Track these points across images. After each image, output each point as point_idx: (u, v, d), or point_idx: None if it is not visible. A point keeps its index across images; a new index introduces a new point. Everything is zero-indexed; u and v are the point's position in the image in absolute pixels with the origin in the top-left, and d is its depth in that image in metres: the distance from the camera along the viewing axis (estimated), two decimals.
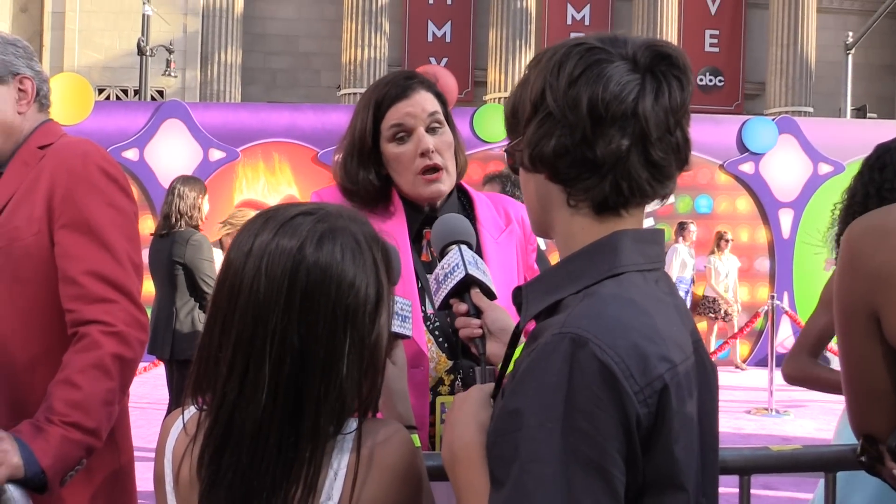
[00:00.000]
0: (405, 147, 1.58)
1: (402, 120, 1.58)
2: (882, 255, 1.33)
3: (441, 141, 1.60)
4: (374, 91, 1.62)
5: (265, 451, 0.98)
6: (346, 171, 1.62)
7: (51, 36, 17.26)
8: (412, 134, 1.58)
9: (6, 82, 1.65)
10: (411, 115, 1.58)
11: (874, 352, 1.35)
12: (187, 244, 4.27)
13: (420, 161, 1.57)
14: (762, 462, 1.53)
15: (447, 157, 1.61)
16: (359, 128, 1.61)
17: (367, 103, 1.61)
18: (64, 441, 1.40)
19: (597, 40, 0.96)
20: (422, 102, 1.59)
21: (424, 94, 1.60)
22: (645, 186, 0.95)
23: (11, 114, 1.65)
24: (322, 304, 0.98)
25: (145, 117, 8.92)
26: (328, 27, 18.95)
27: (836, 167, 9.21)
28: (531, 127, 0.97)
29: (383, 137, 1.59)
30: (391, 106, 1.58)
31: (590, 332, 0.87)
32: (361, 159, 1.61)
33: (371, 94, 1.62)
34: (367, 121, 1.60)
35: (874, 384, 1.38)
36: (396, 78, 1.62)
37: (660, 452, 0.88)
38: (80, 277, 1.54)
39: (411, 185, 1.59)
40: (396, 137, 1.59)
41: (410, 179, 1.59)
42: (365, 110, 1.61)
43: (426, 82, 1.63)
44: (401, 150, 1.58)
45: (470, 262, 1.33)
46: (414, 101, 1.59)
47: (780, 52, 18.47)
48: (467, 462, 0.95)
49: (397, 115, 1.58)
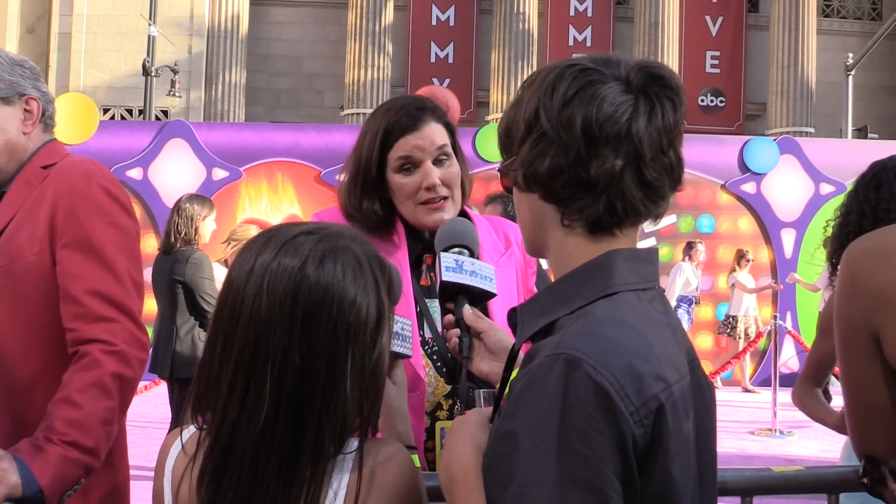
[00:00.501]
0: (410, 179, 1.58)
1: (410, 153, 1.57)
2: (881, 275, 1.33)
3: (448, 173, 1.59)
4: (384, 117, 1.60)
5: (266, 471, 0.98)
6: (350, 199, 1.61)
7: (57, 56, 17.41)
8: (419, 167, 1.58)
9: (12, 103, 1.66)
10: (419, 149, 1.57)
11: (875, 372, 1.35)
12: (188, 262, 4.29)
13: (424, 194, 1.57)
14: (764, 483, 1.52)
15: (454, 188, 1.61)
16: (364, 155, 1.60)
17: (376, 130, 1.59)
18: (63, 460, 1.40)
19: (590, 61, 0.97)
20: (431, 135, 1.58)
21: (434, 127, 1.59)
22: (639, 206, 0.96)
23: (17, 134, 1.67)
24: (324, 323, 0.98)
25: (149, 137, 8.97)
26: (332, 48, 19.09)
27: (838, 187, 9.22)
28: (525, 147, 0.97)
29: (389, 167, 1.59)
30: (400, 137, 1.57)
31: (584, 353, 0.87)
32: (366, 188, 1.60)
33: (380, 120, 1.60)
34: (373, 149, 1.58)
35: (875, 404, 1.37)
36: (408, 107, 1.60)
37: (657, 473, 0.88)
38: (81, 296, 1.54)
39: (412, 213, 1.59)
40: (403, 168, 1.58)
41: (412, 209, 1.59)
42: (373, 138, 1.59)
43: (437, 112, 1.62)
44: (406, 182, 1.58)
45: (450, 267, 1.32)
46: (424, 133, 1.57)
47: (781, 73, 18.57)
48: (464, 484, 0.95)
49: (406, 148, 1.57)
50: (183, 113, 16.50)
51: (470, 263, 1.34)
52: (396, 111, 1.59)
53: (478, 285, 1.32)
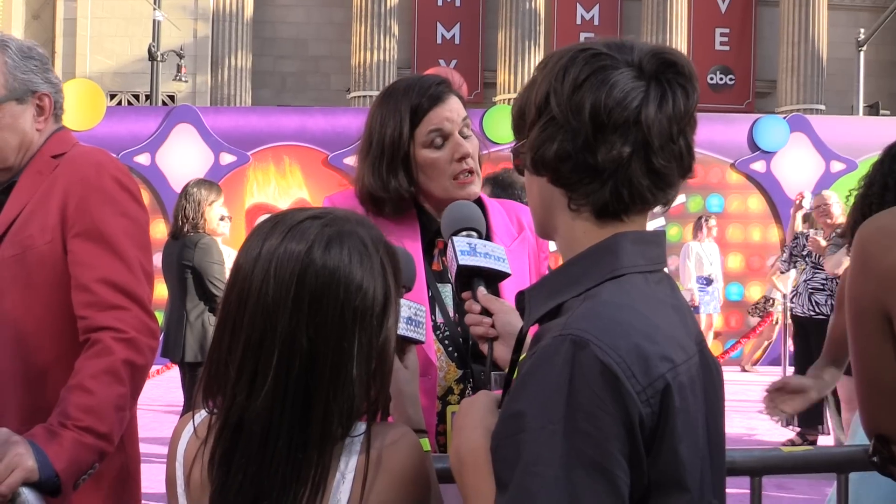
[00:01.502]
0: (441, 152, 1.58)
1: (440, 124, 1.57)
2: (893, 256, 1.32)
3: (472, 146, 1.60)
4: (405, 96, 1.59)
5: (274, 453, 0.99)
6: (375, 180, 1.59)
7: (63, 42, 17.40)
8: (447, 139, 1.58)
9: (25, 101, 1.67)
10: (449, 120, 1.58)
11: (886, 352, 1.35)
12: (196, 248, 4.31)
13: (456, 166, 1.57)
14: (773, 463, 1.53)
15: (476, 160, 1.62)
16: (391, 134, 1.58)
17: (399, 108, 1.58)
18: (77, 445, 1.42)
19: (603, 46, 0.97)
20: (457, 108, 1.60)
21: (456, 100, 1.61)
22: (646, 194, 0.96)
23: (30, 132, 1.68)
24: (330, 307, 0.99)
25: (156, 122, 8.98)
26: (337, 31, 19.00)
27: (849, 165, 9.15)
28: (535, 130, 0.97)
29: (417, 143, 1.58)
30: (430, 110, 1.57)
31: (590, 334, 0.88)
32: (393, 166, 1.58)
33: (400, 99, 1.59)
34: (402, 126, 1.57)
35: (886, 384, 1.37)
36: (429, 83, 1.60)
37: (664, 453, 0.89)
38: (92, 285, 1.56)
39: (446, 189, 1.59)
40: (433, 143, 1.58)
41: (445, 185, 1.58)
42: (398, 116, 1.58)
43: (453, 88, 1.63)
44: (437, 155, 1.58)
45: (464, 251, 1.32)
46: (451, 105, 1.59)
47: (791, 49, 18.36)
48: (474, 466, 0.96)
49: (437, 120, 1.57)
50: (189, 98, 16.50)
51: (482, 245, 1.35)
52: (418, 90, 1.59)
53: (492, 266, 1.33)
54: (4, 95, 1.63)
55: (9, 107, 1.64)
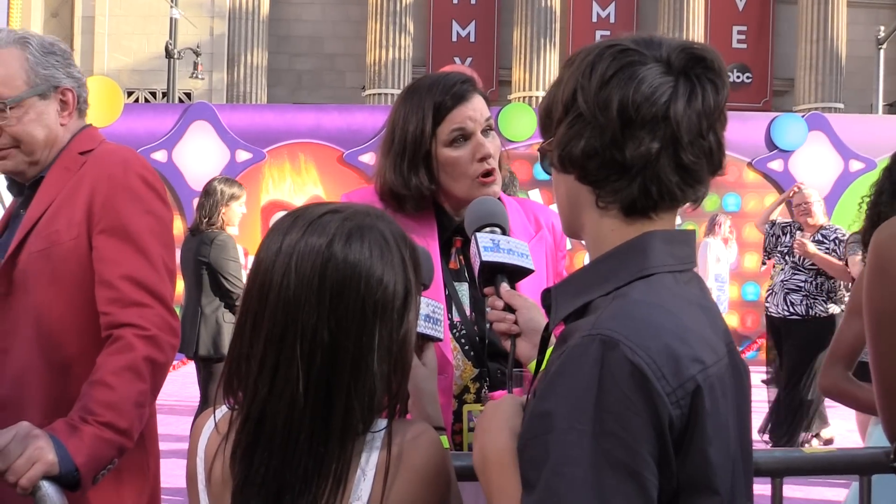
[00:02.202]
0: (463, 151, 1.57)
1: (463, 124, 1.56)
2: None
3: (494, 146, 1.59)
4: (429, 93, 1.58)
5: (296, 447, 0.99)
6: (397, 177, 1.58)
7: (81, 40, 17.53)
8: (470, 138, 1.57)
9: (48, 97, 1.67)
10: (472, 119, 1.56)
11: None
12: (212, 244, 4.36)
13: (478, 166, 1.56)
14: (795, 464, 1.51)
15: (497, 160, 1.60)
16: (413, 131, 1.58)
17: (423, 105, 1.57)
18: (97, 440, 1.42)
19: (631, 42, 0.96)
20: (480, 107, 1.58)
21: (479, 99, 1.60)
22: (675, 190, 0.95)
23: (55, 127, 1.69)
24: (351, 300, 0.99)
25: (173, 119, 9.02)
26: (353, 28, 19.03)
27: (868, 164, 9.04)
28: (562, 127, 0.96)
29: (439, 142, 1.57)
30: (453, 108, 1.56)
31: (620, 334, 0.87)
32: (414, 164, 1.57)
33: (424, 96, 1.58)
34: (425, 124, 1.57)
35: None
36: (454, 81, 1.59)
37: (693, 455, 0.87)
38: (116, 281, 1.56)
39: (467, 189, 1.58)
40: (454, 142, 1.57)
41: (467, 184, 1.57)
42: (421, 113, 1.57)
43: (477, 86, 1.62)
44: (459, 154, 1.57)
45: (488, 247, 1.31)
46: (474, 104, 1.58)
47: (810, 47, 18.19)
48: (500, 466, 0.95)
49: (459, 119, 1.56)
50: (206, 95, 16.58)
51: (506, 241, 1.34)
52: (442, 88, 1.58)
53: (516, 262, 1.32)
54: (26, 91, 1.64)
55: (32, 102, 1.65)
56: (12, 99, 1.63)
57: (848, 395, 2.01)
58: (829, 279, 5.43)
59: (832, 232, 5.53)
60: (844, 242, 5.41)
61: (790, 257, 5.54)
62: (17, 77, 1.64)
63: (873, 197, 2.05)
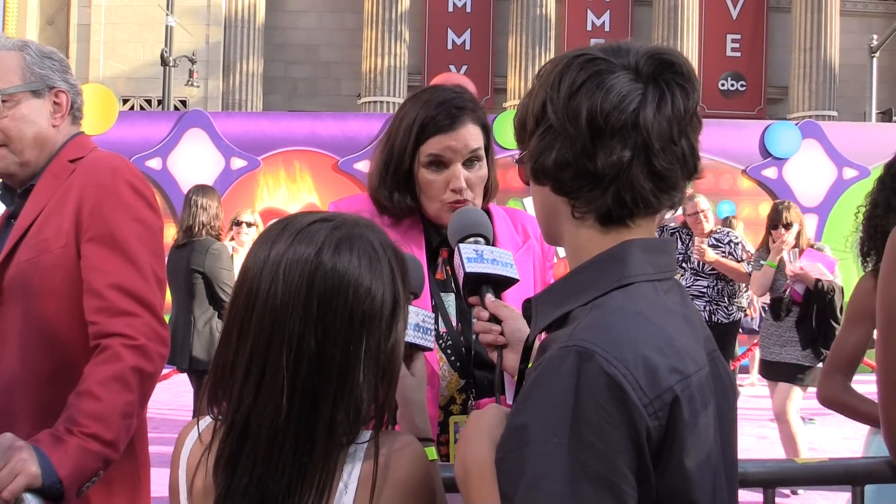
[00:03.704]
0: (438, 176, 1.56)
1: (441, 152, 1.55)
2: None
3: (475, 175, 1.57)
4: (423, 109, 1.56)
5: (280, 457, 0.98)
6: (381, 189, 1.59)
7: (76, 48, 17.53)
8: (448, 167, 1.56)
9: (42, 96, 1.68)
10: (451, 150, 1.55)
11: None
12: (207, 253, 4.28)
13: (450, 195, 1.55)
14: (788, 475, 1.50)
15: (477, 191, 1.59)
16: (398, 146, 1.58)
17: (412, 121, 1.57)
18: (82, 452, 1.41)
19: (599, 51, 0.95)
20: (466, 138, 1.55)
21: (471, 129, 1.56)
22: (649, 197, 0.94)
23: (46, 127, 1.68)
24: (339, 310, 0.98)
25: (168, 127, 9.01)
26: (348, 36, 19.06)
27: (862, 172, 9.07)
28: (534, 139, 0.96)
29: (419, 161, 1.57)
30: (435, 135, 1.55)
31: (596, 345, 0.86)
32: (396, 179, 1.58)
33: (418, 111, 1.57)
34: (407, 143, 1.56)
35: None
36: (448, 104, 1.56)
37: (672, 467, 0.87)
38: (104, 290, 1.55)
39: (437, 211, 1.58)
40: (431, 165, 1.56)
41: (437, 206, 1.57)
42: (408, 129, 1.57)
43: (476, 112, 1.59)
44: (433, 178, 1.56)
45: (471, 258, 1.30)
46: (459, 135, 1.55)
47: (803, 55, 18.28)
48: (480, 479, 0.94)
49: (438, 147, 1.55)
50: (201, 103, 16.58)
51: (489, 252, 1.33)
52: (436, 106, 1.56)
53: (500, 272, 1.31)
54: (20, 86, 1.64)
55: (24, 98, 1.65)
56: (4, 91, 1.62)
57: (847, 405, 1.96)
58: (729, 283, 5.42)
59: (725, 235, 5.54)
60: (740, 244, 5.48)
61: (688, 264, 5.50)
62: (13, 72, 1.65)
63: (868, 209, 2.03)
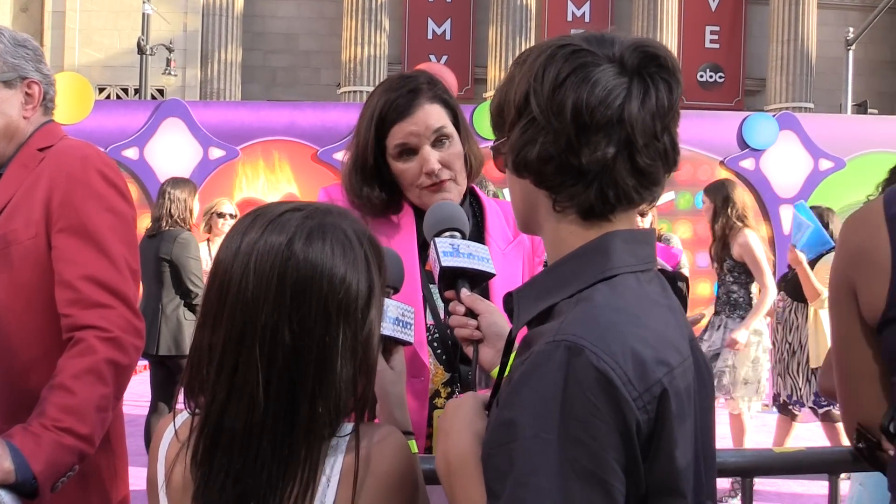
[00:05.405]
0: (410, 164, 1.54)
1: (405, 140, 1.53)
2: (859, 234, 1.36)
3: (449, 153, 1.55)
4: (379, 100, 1.55)
5: (259, 451, 0.97)
6: (351, 186, 1.58)
7: (51, 35, 17.25)
8: (417, 152, 1.54)
9: (13, 86, 1.64)
10: (415, 135, 1.53)
11: (855, 330, 1.35)
12: (175, 242, 4.36)
13: (425, 179, 1.54)
14: (764, 464, 1.52)
15: (456, 167, 1.56)
16: (361, 142, 1.56)
17: (371, 114, 1.55)
18: (56, 446, 1.39)
19: (583, 41, 0.93)
20: (426, 119, 1.53)
21: (429, 109, 1.53)
22: (632, 194, 0.93)
23: (17, 118, 1.64)
24: (314, 300, 0.97)
25: (145, 116, 8.90)
26: (328, 25, 18.92)
27: (837, 163, 9.18)
28: (515, 131, 0.95)
29: (389, 153, 1.55)
30: (394, 124, 1.53)
31: (585, 339, 0.85)
32: (364, 176, 1.57)
33: (376, 103, 1.56)
34: (370, 137, 1.55)
35: (859, 365, 1.37)
36: (401, 91, 1.54)
37: (661, 459, 0.86)
38: (76, 282, 1.52)
39: (417, 197, 1.57)
40: (402, 155, 1.54)
41: (417, 193, 1.56)
42: (369, 123, 1.55)
43: (434, 90, 1.56)
44: (406, 167, 1.55)
45: (447, 252, 1.29)
46: (417, 119, 1.53)
47: (781, 48, 18.43)
48: (463, 473, 0.93)
49: (401, 135, 1.53)
50: (179, 92, 16.40)
51: (465, 246, 1.32)
52: (392, 93, 1.54)
53: (477, 266, 1.30)
54: None
55: None
56: None
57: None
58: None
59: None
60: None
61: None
62: None
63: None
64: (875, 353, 1.34)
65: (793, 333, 4.80)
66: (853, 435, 1.40)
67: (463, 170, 1.59)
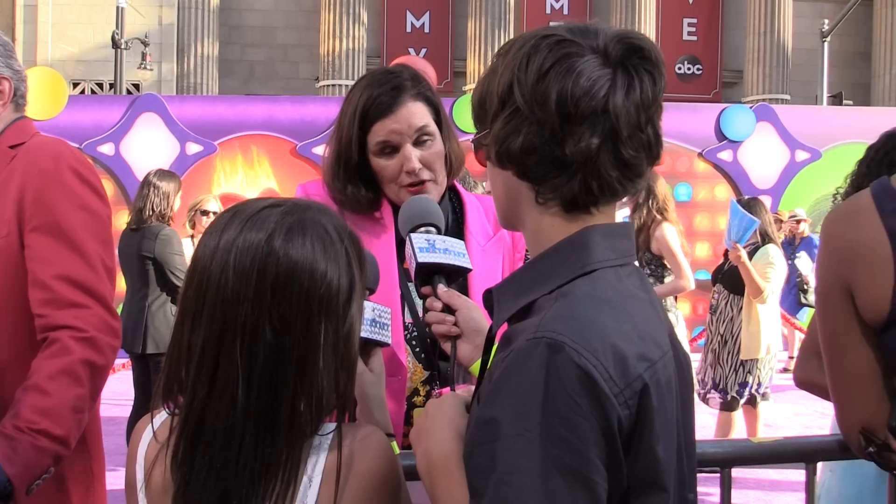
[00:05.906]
0: (391, 161, 1.53)
1: (387, 137, 1.52)
2: (852, 232, 1.33)
3: (430, 153, 1.54)
4: (362, 96, 1.53)
5: (241, 450, 0.96)
6: (335, 182, 1.56)
7: (23, 29, 16.97)
8: (399, 150, 1.52)
9: None
10: (397, 133, 1.51)
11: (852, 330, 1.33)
12: (156, 239, 4.29)
13: (405, 177, 1.53)
14: (743, 454, 1.53)
15: (437, 167, 1.55)
16: (344, 138, 1.55)
17: (354, 109, 1.54)
18: (31, 449, 1.37)
19: (567, 31, 0.93)
20: (409, 118, 1.51)
21: (412, 108, 1.52)
22: (615, 185, 0.93)
23: None
24: (294, 297, 0.96)
25: (121, 111, 8.79)
26: (306, 18, 18.79)
27: (813, 154, 9.29)
28: (498, 122, 0.94)
29: (370, 150, 1.54)
30: (377, 121, 1.51)
31: (566, 336, 0.85)
32: (349, 173, 1.55)
33: (358, 99, 1.54)
34: (353, 133, 1.53)
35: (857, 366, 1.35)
36: (384, 87, 1.52)
37: (642, 454, 0.86)
38: (50, 282, 1.50)
39: (396, 195, 1.55)
40: (383, 152, 1.53)
41: (395, 190, 1.55)
42: (351, 119, 1.54)
43: (418, 87, 1.54)
44: (387, 164, 1.53)
45: (423, 248, 1.28)
46: (400, 116, 1.51)
47: (758, 40, 18.58)
48: (445, 471, 0.93)
49: (383, 133, 1.52)
50: (155, 86, 16.22)
51: (441, 241, 1.31)
52: (375, 88, 1.53)
53: (453, 262, 1.29)
54: None
55: None
56: None
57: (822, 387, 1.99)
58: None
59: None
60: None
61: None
62: None
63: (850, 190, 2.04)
64: (875, 353, 1.32)
65: (725, 325, 4.84)
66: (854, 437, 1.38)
67: (443, 169, 1.58)
